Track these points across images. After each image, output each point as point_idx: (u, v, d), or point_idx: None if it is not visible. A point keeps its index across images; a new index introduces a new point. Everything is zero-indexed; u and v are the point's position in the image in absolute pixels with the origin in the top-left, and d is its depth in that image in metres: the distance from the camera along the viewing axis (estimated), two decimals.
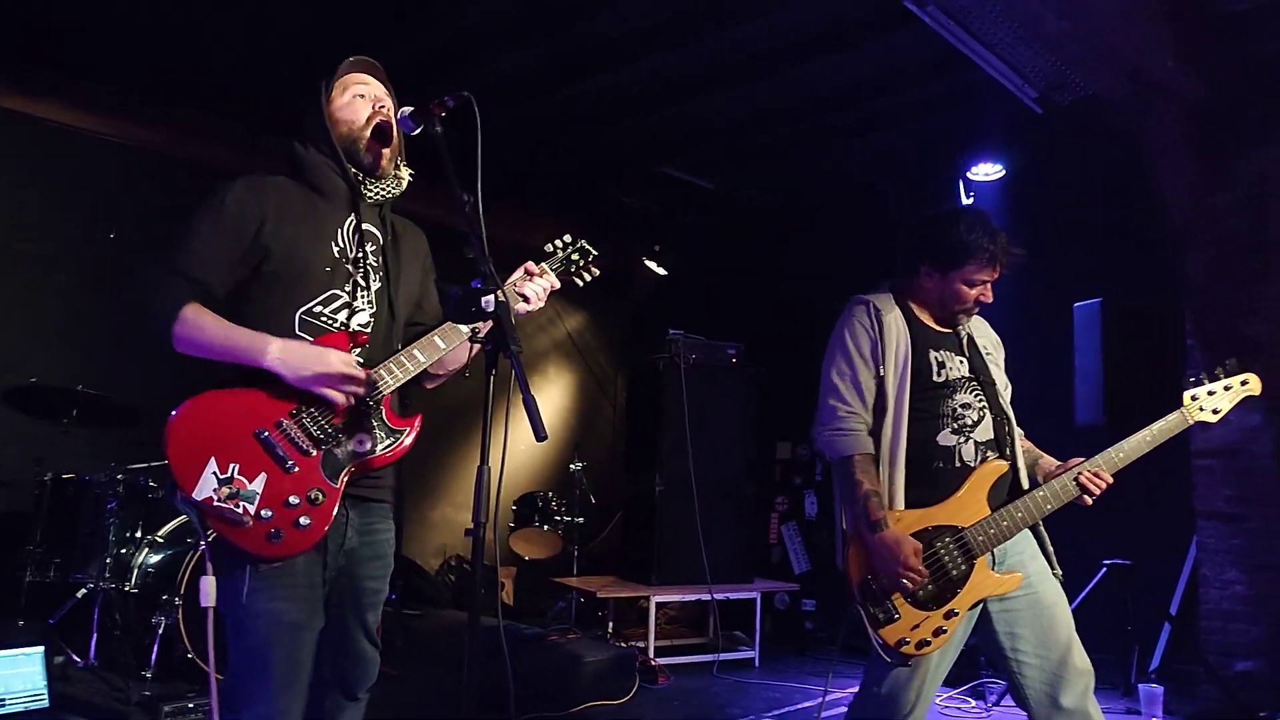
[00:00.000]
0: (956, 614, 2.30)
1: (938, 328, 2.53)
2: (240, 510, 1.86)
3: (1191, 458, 4.97)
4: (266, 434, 1.93)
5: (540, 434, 1.67)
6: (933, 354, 2.45)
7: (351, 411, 2.00)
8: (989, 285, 2.48)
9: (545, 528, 6.39)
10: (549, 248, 2.42)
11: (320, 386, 1.95)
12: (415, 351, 2.11)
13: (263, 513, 1.88)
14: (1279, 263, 4.90)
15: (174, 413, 1.90)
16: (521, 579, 6.93)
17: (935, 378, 2.43)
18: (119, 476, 4.14)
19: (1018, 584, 2.34)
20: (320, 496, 1.94)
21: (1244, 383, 2.56)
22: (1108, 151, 4.90)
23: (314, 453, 1.96)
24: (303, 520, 1.91)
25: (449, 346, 2.12)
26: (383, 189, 2.18)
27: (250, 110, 5.89)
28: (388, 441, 2.05)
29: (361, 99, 2.17)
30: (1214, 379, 2.56)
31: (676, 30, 4.65)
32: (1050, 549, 2.48)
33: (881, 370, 2.42)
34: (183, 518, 4.23)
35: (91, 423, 4.29)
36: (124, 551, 4.14)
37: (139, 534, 4.18)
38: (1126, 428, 4.68)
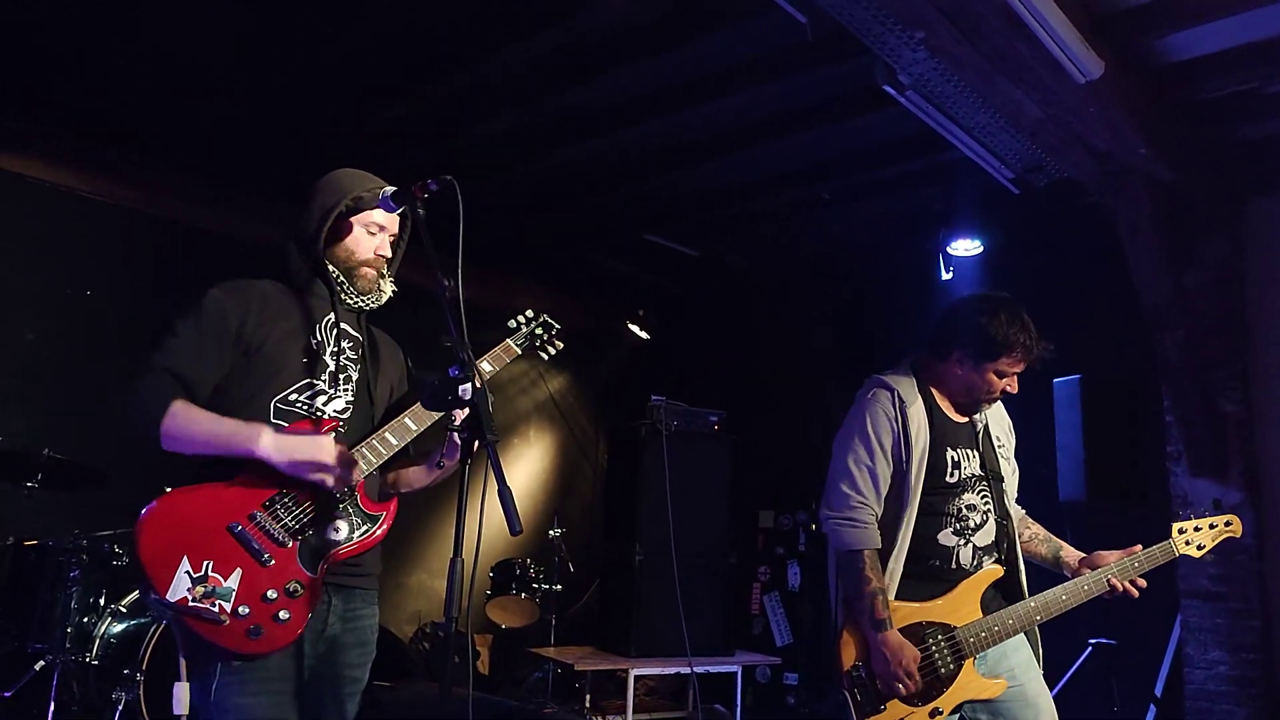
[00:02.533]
0: (940, 712, 2.34)
1: (956, 417, 2.55)
2: (216, 609, 1.86)
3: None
4: (240, 528, 1.93)
5: (515, 528, 1.69)
6: (950, 452, 2.48)
7: (326, 499, 2.02)
8: (1016, 378, 2.52)
9: (523, 595, 6.33)
10: (511, 324, 2.49)
11: (313, 473, 1.96)
12: (387, 435, 2.13)
13: (240, 609, 1.88)
14: (1248, 344, 5.04)
15: (144, 511, 1.91)
16: (498, 647, 6.84)
17: (948, 477, 2.46)
18: (83, 542, 4.09)
19: (1001, 691, 2.39)
20: (299, 588, 1.94)
21: (1228, 524, 2.70)
22: (1084, 230, 5.04)
23: (290, 544, 1.96)
24: (282, 614, 1.91)
25: (420, 428, 2.15)
26: (363, 301, 2.23)
27: (226, 169, 5.97)
28: (364, 528, 2.07)
29: (371, 237, 2.21)
30: (1200, 516, 2.69)
31: (662, 101, 4.77)
32: (1038, 639, 2.54)
33: (905, 465, 2.43)
34: None
35: (56, 486, 4.23)
36: (85, 621, 4.08)
37: (102, 602, 4.12)
38: (1107, 505, 4.76)
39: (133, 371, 2.01)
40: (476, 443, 1.78)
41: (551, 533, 6.35)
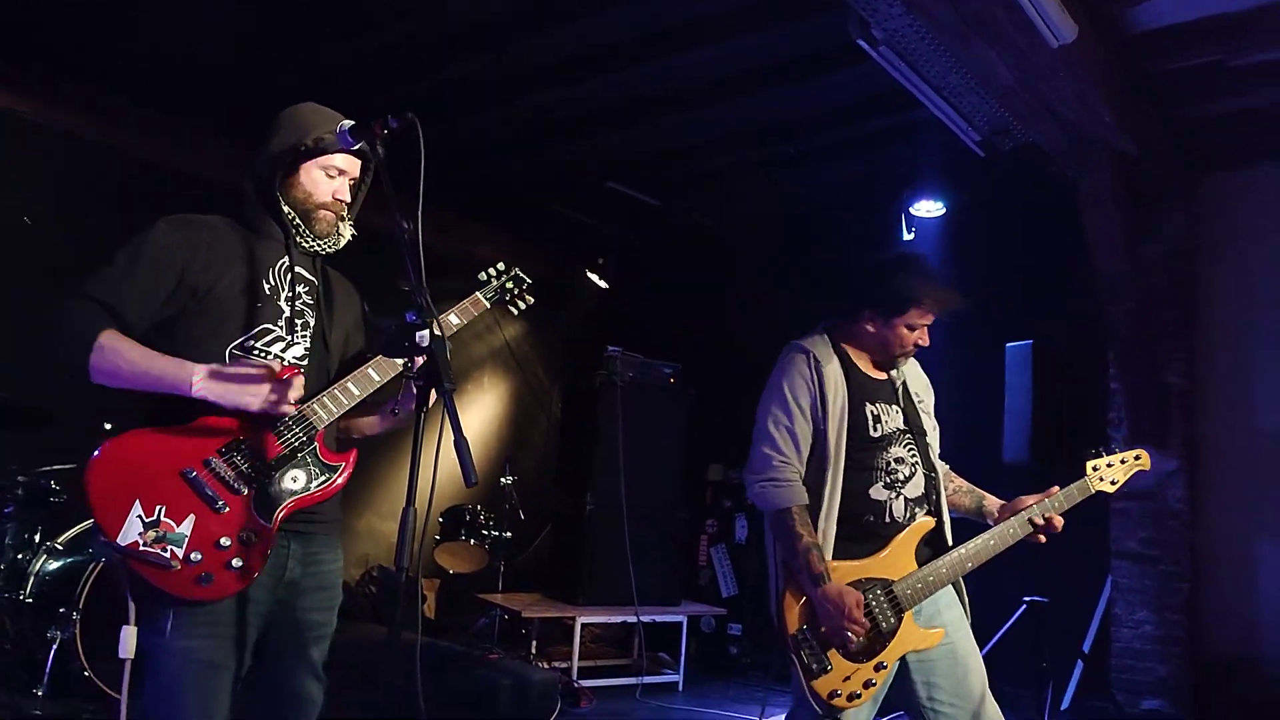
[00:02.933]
0: (885, 666, 2.37)
1: (874, 375, 2.59)
2: (168, 554, 1.81)
3: (1109, 500, 5.19)
4: (194, 473, 1.88)
5: (470, 479, 1.66)
6: (869, 407, 2.51)
7: (284, 447, 1.96)
8: (926, 329, 2.56)
9: (471, 541, 6.33)
10: (482, 276, 2.43)
11: (253, 398, 1.88)
12: (349, 385, 2.08)
13: (192, 555, 1.83)
14: (1196, 318, 5.18)
15: (95, 453, 1.84)
16: (445, 592, 6.85)
17: (871, 432, 2.49)
18: (19, 478, 3.96)
19: (939, 639, 2.42)
20: (252, 537, 1.90)
21: (1137, 458, 2.76)
22: (1044, 197, 5.09)
23: (245, 491, 1.91)
24: (234, 562, 1.87)
25: (383, 379, 2.10)
26: (320, 245, 2.15)
27: (180, 100, 5.71)
28: (322, 478, 2.02)
29: (330, 180, 2.11)
30: (1111, 453, 2.73)
31: (630, 51, 4.67)
32: (966, 597, 2.56)
33: (823, 424, 2.45)
34: (86, 523, 4.06)
35: None
36: (20, 558, 3.96)
37: (37, 539, 4.00)
38: (1049, 469, 4.88)
39: (61, 300, 1.91)
40: (433, 391, 1.74)
41: (503, 480, 6.33)
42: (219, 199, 2.17)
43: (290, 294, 2.08)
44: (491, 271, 2.39)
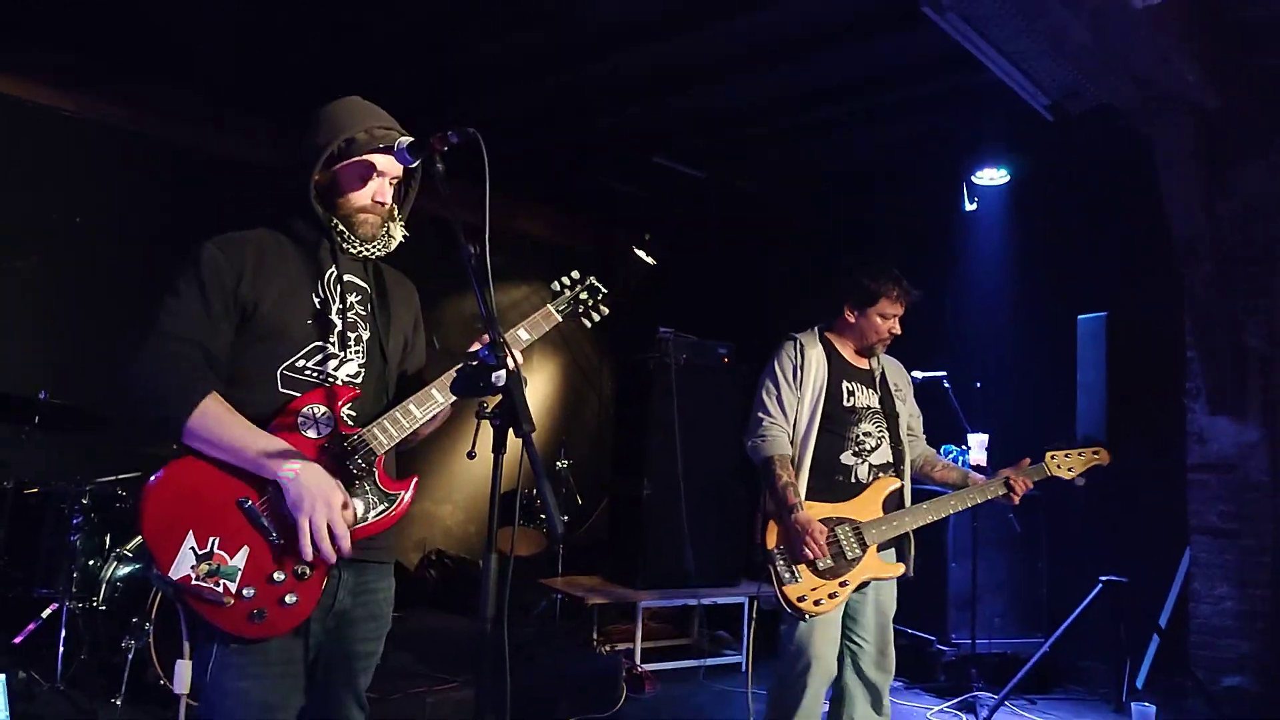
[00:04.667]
0: (848, 584, 2.88)
1: (855, 362, 3.10)
2: (220, 589, 1.71)
3: (1187, 472, 4.93)
4: (250, 503, 1.77)
5: (557, 533, 1.53)
6: (845, 384, 3.03)
7: (343, 476, 1.84)
8: (897, 320, 3.04)
9: (529, 526, 6.26)
10: (555, 285, 2.27)
11: (304, 521, 1.75)
12: (411, 406, 1.95)
13: (244, 591, 1.73)
14: (1277, 275, 4.84)
15: (151, 479, 1.75)
16: (503, 562, 6.82)
17: (845, 403, 3.00)
18: (85, 487, 3.95)
19: (900, 571, 2.96)
20: (307, 571, 1.79)
21: (1095, 453, 3.11)
22: (1115, 161, 4.79)
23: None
24: (288, 598, 1.76)
25: (446, 400, 1.96)
26: (368, 249, 2.00)
27: (217, 85, 5.64)
28: (381, 507, 1.90)
29: (368, 184, 1.97)
30: (1074, 447, 3.11)
31: (677, 20, 4.47)
32: (912, 553, 3.03)
33: (803, 394, 2.97)
34: None
35: (55, 429, 4.05)
36: (91, 564, 3.97)
37: (106, 547, 3.99)
38: (1126, 445, 4.64)
39: (140, 341, 1.79)
40: (510, 431, 1.60)
41: (558, 464, 6.24)
42: (257, 178, 2.04)
43: (341, 305, 1.96)
44: (565, 280, 2.23)
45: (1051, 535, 5.21)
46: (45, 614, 3.76)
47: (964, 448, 5.14)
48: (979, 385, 4.88)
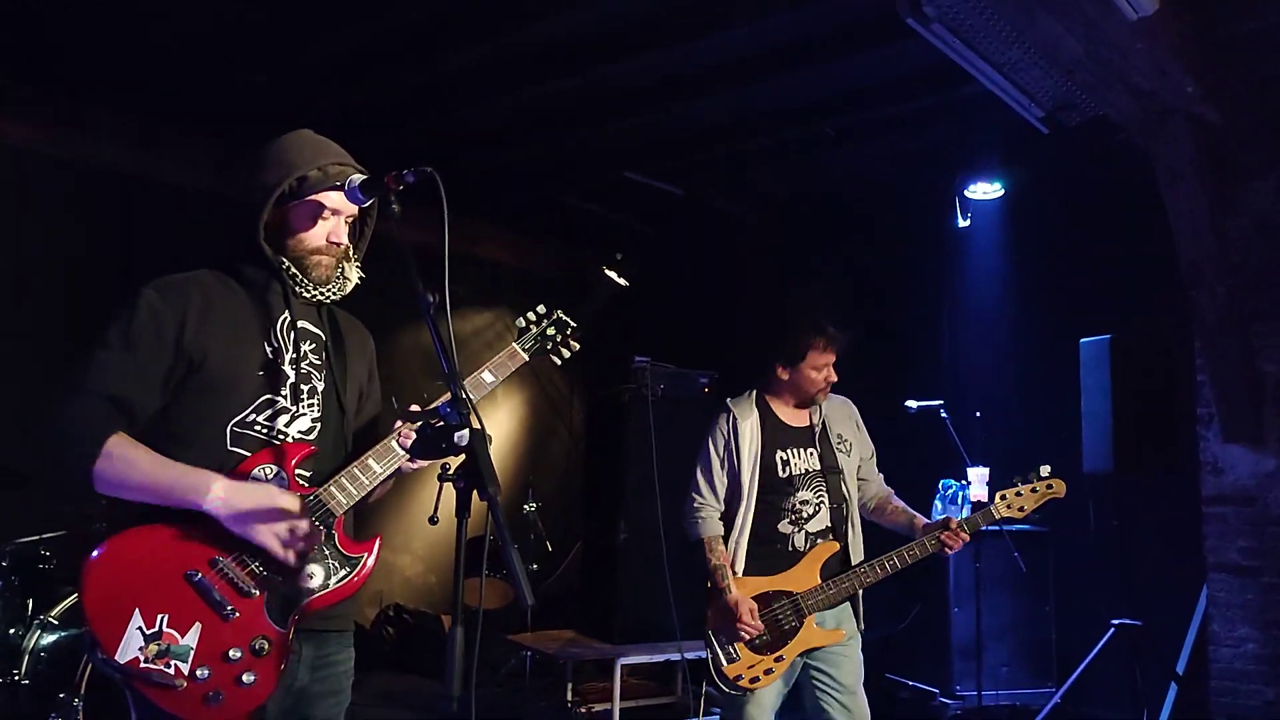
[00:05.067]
0: (784, 659, 3.08)
1: (792, 422, 3.27)
2: (172, 670, 1.75)
3: (1202, 505, 5.07)
4: (200, 575, 1.81)
5: (525, 602, 1.60)
6: (779, 454, 3.21)
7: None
8: (831, 367, 3.19)
9: (496, 575, 6.29)
10: (521, 322, 2.35)
11: (264, 538, 1.83)
12: (370, 462, 2.01)
13: (198, 672, 1.77)
14: None
15: (93, 553, 1.79)
16: (470, 629, 6.82)
17: (780, 474, 3.19)
18: (6, 548, 3.95)
19: (840, 638, 3.12)
20: (266, 646, 1.84)
21: (1049, 486, 3.17)
22: (1116, 174, 4.95)
23: (256, 593, 1.85)
24: (245, 677, 1.81)
25: (407, 455, 2.02)
26: (321, 293, 2.07)
27: (150, 105, 5.68)
28: (342, 573, 1.96)
29: (322, 223, 2.04)
30: (1027, 482, 3.17)
31: (655, 32, 4.59)
32: (861, 610, 3.21)
33: (736, 468, 3.19)
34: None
35: None
36: (13, 633, 3.96)
37: (29, 613, 3.99)
38: (1135, 476, 4.77)
39: (57, 393, 1.84)
40: (475, 494, 1.66)
41: (526, 508, 6.28)
42: (193, 203, 2.10)
43: (295, 354, 2.01)
44: (530, 316, 2.31)
45: (1059, 575, 5.32)
46: None
47: (964, 482, 5.26)
48: (978, 414, 5.00)
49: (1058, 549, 5.31)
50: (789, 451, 3.22)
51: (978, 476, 5.00)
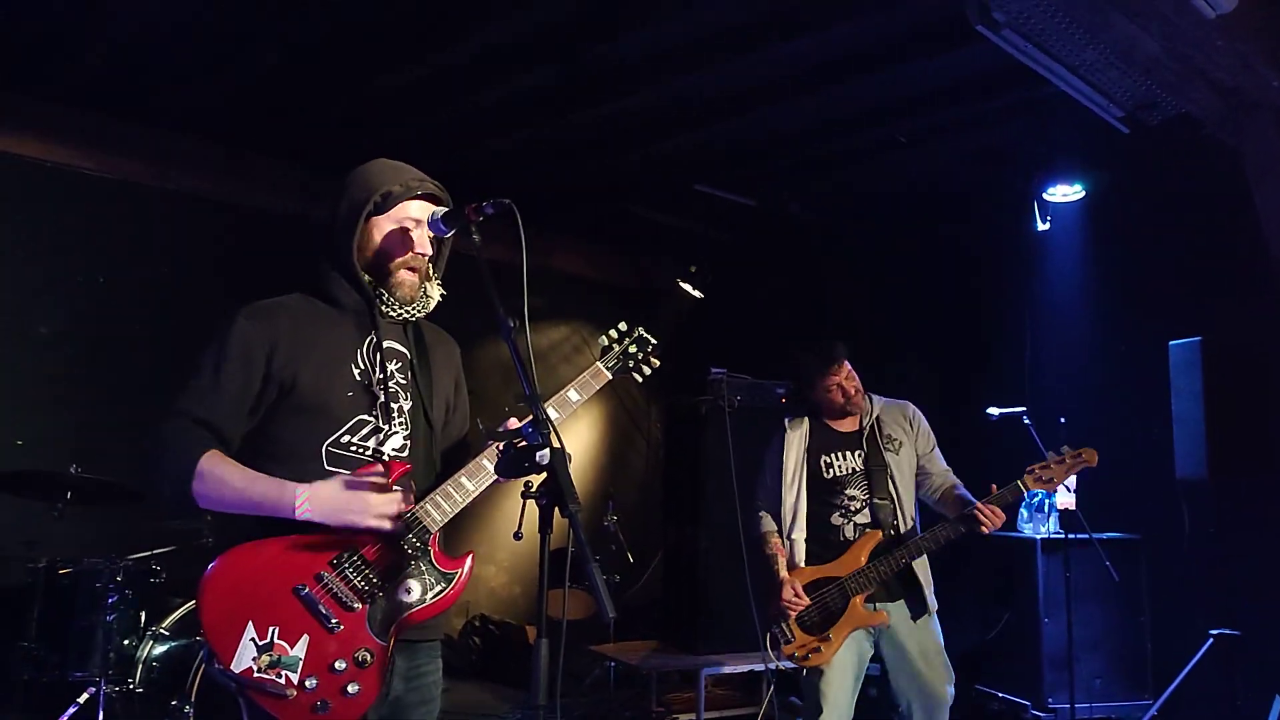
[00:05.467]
0: (831, 639, 3.48)
1: (840, 429, 3.72)
2: (283, 680, 1.86)
3: None
4: (306, 590, 1.92)
5: (607, 617, 1.66)
6: (824, 457, 3.67)
7: (398, 557, 2.00)
8: (843, 378, 3.65)
9: (579, 586, 6.38)
10: (603, 340, 2.41)
11: (358, 518, 1.93)
12: (463, 479, 2.10)
13: (307, 682, 1.88)
14: None
15: (208, 569, 1.91)
16: (554, 640, 6.93)
17: (825, 475, 3.65)
18: (120, 564, 4.17)
19: (881, 619, 3.49)
20: (369, 657, 1.94)
21: (1077, 456, 3.37)
22: (1203, 172, 4.81)
23: (359, 606, 1.95)
24: (350, 687, 1.91)
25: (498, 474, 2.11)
26: (406, 311, 2.17)
27: (234, 133, 5.94)
28: (438, 588, 2.05)
29: (405, 234, 2.14)
30: (1057, 454, 3.40)
31: (724, 45, 4.65)
32: (925, 589, 3.57)
33: (785, 473, 3.68)
34: (190, 604, 4.26)
35: (86, 505, 4.29)
36: (127, 644, 4.18)
37: (142, 625, 4.21)
38: (1230, 481, 4.63)
39: (157, 417, 1.98)
40: (556, 510, 1.74)
41: (606, 521, 6.37)
42: (276, 226, 2.22)
43: (382, 375, 2.10)
44: (613, 334, 2.38)
45: (1153, 584, 5.17)
46: (82, 699, 3.97)
47: (1050, 490, 5.16)
48: (1063, 421, 4.89)
49: (1151, 557, 5.16)
50: (833, 455, 3.68)
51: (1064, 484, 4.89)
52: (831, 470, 3.67)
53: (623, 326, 2.42)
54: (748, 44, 4.62)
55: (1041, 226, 5.15)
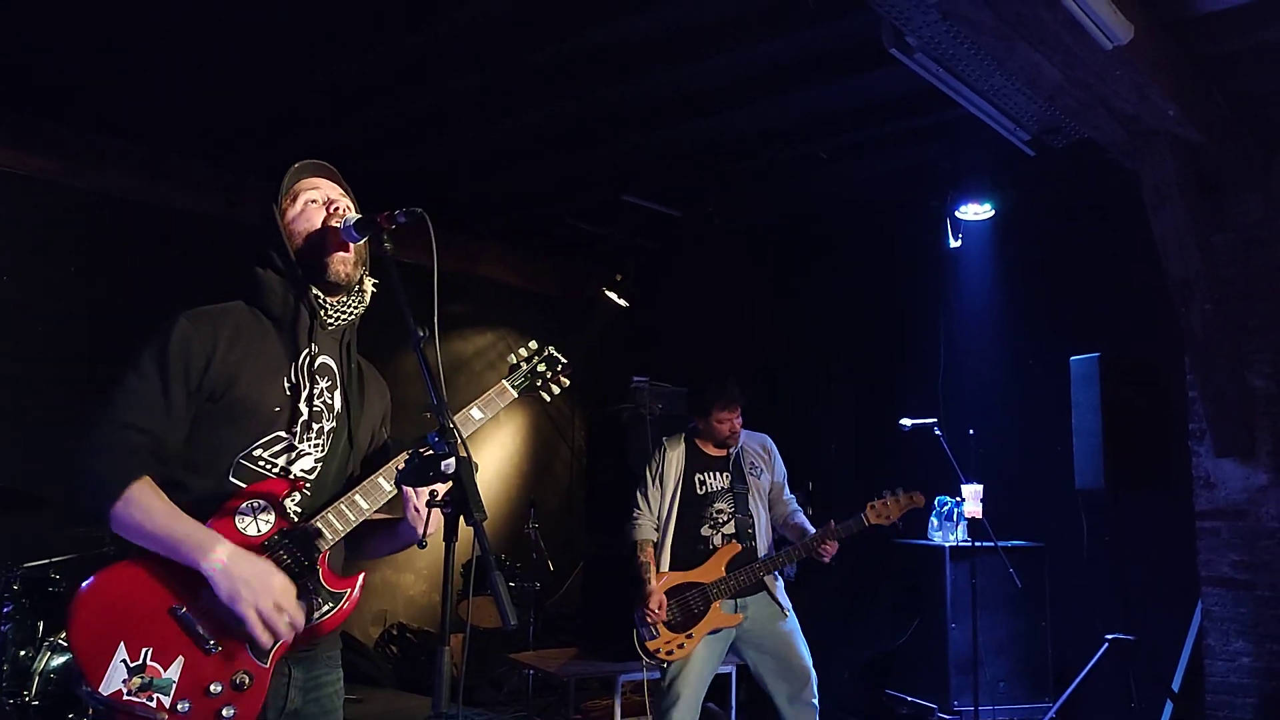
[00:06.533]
0: (694, 636, 3.91)
1: (713, 453, 4.15)
2: (154, 704, 1.78)
3: (1195, 519, 5.06)
4: (184, 610, 1.84)
5: (508, 623, 1.62)
6: (698, 476, 4.11)
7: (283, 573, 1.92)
8: (733, 420, 4.06)
9: (488, 595, 6.30)
10: (511, 358, 2.37)
11: (246, 610, 1.81)
12: (357, 498, 2.03)
13: (179, 705, 1.79)
14: (1278, 311, 5.01)
15: (83, 586, 1.81)
16: (472, 648, 6.84)
17: (698, 491, 4.09)
18: (16, 572, 3.99)
19: (738, 621, 3.91)
20: (247, 680, 1.86)
21: (911, 498, 3.87)
22: (1105, 194, 4.97)
23: (239, 628, 1.87)
24: (225, 711, 1.83)
25: (395, 490, 2.05)
26: (344, 308, 2.11)
27: (159, 132, 5.75)
28: (325, 608, 1.98)
29: (314, 204, 2.10)
30: (894, 494, 3.86)
31: (645, 57, 4.63)
32: (779, 596, 3.98)
33: (664, 487, 4.09)
34: None
35: None
36: (24, 655, 3.99)
37: (40, 636, 4.02)
38: (1127, 493, 4.76)
39: (89, 420, 1.87)
40: (462, 519, 1.70)
41: (528, 527, 6.31)
42: (197, 226, 2.15)
43: (311, 391, 2.04)
44: (522, 352, 2.33)
45: (1054, 591, 5.31)
46: None
47: (958, 499, 5.25)
48: (971, 432, 5.00)
49: (1053, 565, 5.30)
50: (707, 474, 4.12)
51: (971, 493, 4.99)
52: (705, 487, 4.11)
53: (533, 345, 2.38)
54: (673, 58, 4.63)
55: (954, 243, 5.24)
